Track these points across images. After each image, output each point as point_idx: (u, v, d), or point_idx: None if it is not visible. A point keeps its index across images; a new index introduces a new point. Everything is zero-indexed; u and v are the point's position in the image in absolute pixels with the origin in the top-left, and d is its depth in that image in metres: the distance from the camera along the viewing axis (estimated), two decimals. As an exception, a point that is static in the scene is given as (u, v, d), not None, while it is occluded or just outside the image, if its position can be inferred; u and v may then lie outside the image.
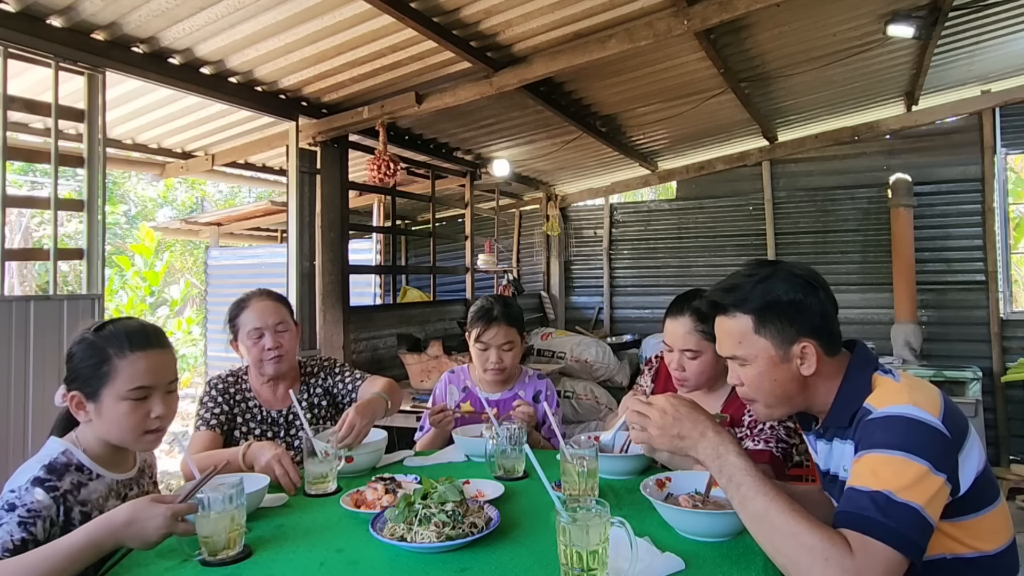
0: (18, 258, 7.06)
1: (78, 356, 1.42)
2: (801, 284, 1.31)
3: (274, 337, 2.09)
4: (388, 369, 4.54)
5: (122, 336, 1.42)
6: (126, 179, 12.91)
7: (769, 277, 1.32)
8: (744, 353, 1.32)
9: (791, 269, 1.34)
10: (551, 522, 1.19)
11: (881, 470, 1.12)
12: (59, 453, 1.38)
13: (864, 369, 1.30)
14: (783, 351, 1.29)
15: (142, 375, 1.40)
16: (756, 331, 1.30)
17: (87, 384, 1.39)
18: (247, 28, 2.85)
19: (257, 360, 2.09)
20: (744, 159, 6.36)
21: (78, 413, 1.40)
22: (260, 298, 2.16)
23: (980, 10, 3.77)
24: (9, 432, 2.47)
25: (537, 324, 6.69)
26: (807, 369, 1.29)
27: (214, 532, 1.27)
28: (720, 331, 1.38)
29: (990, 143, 5.48)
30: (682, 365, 1.90)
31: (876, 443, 1.15)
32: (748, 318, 1.31)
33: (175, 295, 11.10)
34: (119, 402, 1.38)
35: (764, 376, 1.31)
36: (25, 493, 1.28)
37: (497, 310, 2.26)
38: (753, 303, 1.31)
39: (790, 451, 1.82)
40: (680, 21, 2.99)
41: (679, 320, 1.90)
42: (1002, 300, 5.46)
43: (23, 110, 2.85)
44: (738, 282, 1.35)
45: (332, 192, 4.05)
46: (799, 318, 1.28)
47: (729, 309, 1.34)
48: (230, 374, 2.18)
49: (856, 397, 1.27)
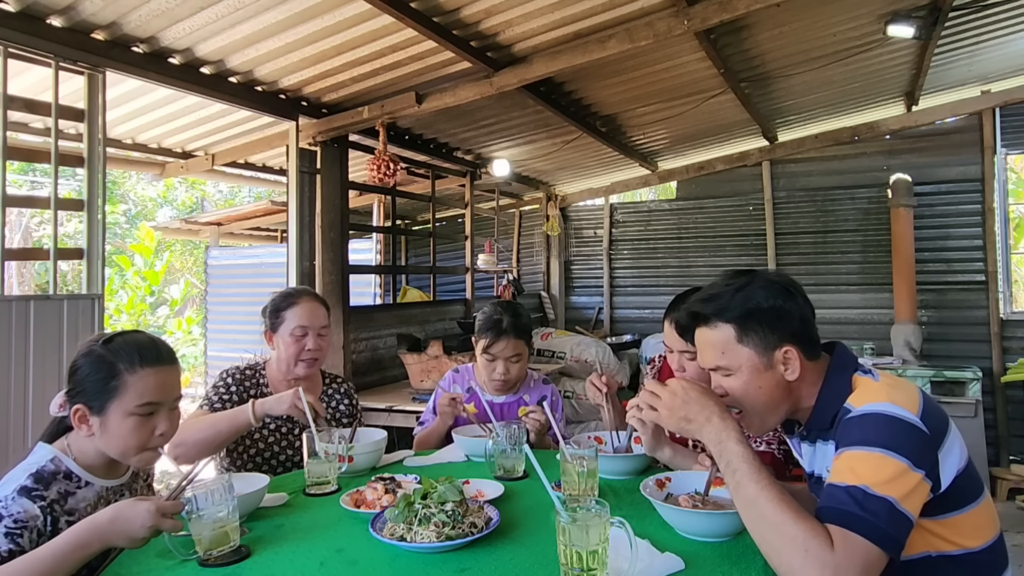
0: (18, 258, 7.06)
1: (85, 369, 1.38)
2: (780, 290, 1.32)
3: (316, 340, 2.12)
4: (388, 369, 4.54)
5: (133, 351, 1.39)
6: (126, 179, 12.92)
7: (747, 285, 1.33)
8: (728, 363, 1.33)
9: (768, 276, 1.36)
10: (551, 522, 1.19)
11: (859, 466, 1.13)
12: (47, 461, 1.35)
13: (843, 371, 1.31)
14: (767, 358, 1.30)
15: (152, 391, 1.38)
16: (739, 340, 1.31)
17: (94, 398, 1.36)
18: (247, 28, 2.85)
19: (293, 357, 2.10)
20: (744, 159, 6.36)
21: (80, 427, 1.37)
22: (310, 298, 2.18)
23: (980, 10, 3.77)
24: (9, 432, 2.47)
25: (537, 324, 6.69)
26: (791, 374, 1.30)
27: (206, 532, 1.27)
28: (701, 342, 1.38)
29: (990, 143, 5.48)
30: (682, 365, 1.90)
31: (855, 440, 1.16)
32: (730, 327, 1.32)
33: (175, 295, 11.11)
34: (126, 418, 1.36)
35: (749, 385, 1.31)
36: (11, 503, 1.25)
37: (507, 322, 2.22)
38: (734, 311, 1.31)
39: (792, 452, 1.81)
40: (680, 21, 2.99)
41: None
42: (1002, 300, 5.46)
43: (23, 110, 2.85)
44: (717, 291, 1.36)
45: (332, 192, 4.05)
46: (780, 324, 1.30)
47: (710, 319, 1.34)
48: (248, 367, 2.18)
49: (837, 398, 1.27)
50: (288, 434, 2.14)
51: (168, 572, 1.26)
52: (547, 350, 5.55)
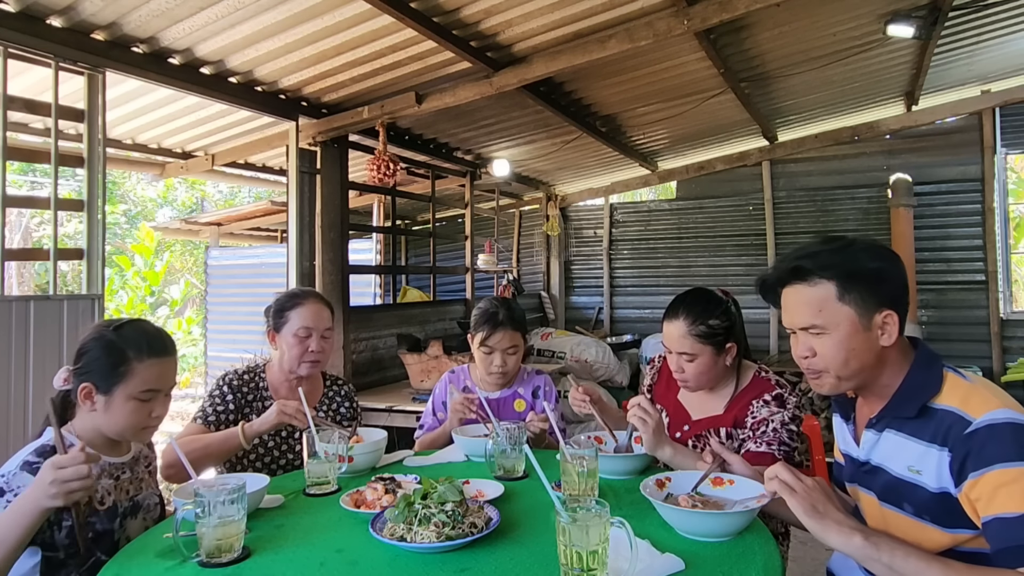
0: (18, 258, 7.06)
1: (95, 351, 1.46)
2: (884, 254, 1.29)
3: (320, 341, 2.11)
4: (388, 369, 4.54)
5: (142, 340, 1.49)
6: (126, 179, 12.92)
7: (850, 246, 1.30)
8: (824, 321, 1.27)
9: (870, 241, 1.33)
10: (551, 522, 1.19)
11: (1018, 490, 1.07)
12: (49, 438, 1.42)
13: (932, 363, 1.27)
14: (866, 320, 1.25)
15: (155, 379, 1.48)
16: (839, 298, 1.26)
17: (102, 380, 1.45)
18: (247, 28, 2.85)
19: (296, 358, 2.09)
20: (744, 159, 6.36)
21: (84, 403, 1.45)
22: (315, 300, 2.16)
23: (980, 10, 3.78)
24: (9, 432, 2.47)
25: (537, 324, 6.69)
26: (887, 340, 1.25)
27: (214, 536, 1.26)
28: (795, 300, 1.32)
29: (990, 143, 5.49)
30: (680, 367, 1.90)
31: (999, 457, 1.10)
32: (831, 285, 1.27)
33: (175, 295, 11.11)
34: (128, 401, 1.45)
35: (843, 345, 1.26)
36: (13, 477, 1.33)
37: (503, 314, 2.26)
38: (838, 269, 1.27)
39: (792, 453, 1.81)
40: (680, 21, 2.99)
41: (674, 323, 1.88)
42: (1002, 300, 5.46)
43: (23, 110, 2.86)
44: (817, 249, 1.31)
45: (332, 192, 4.05)
46: (883, 287, 1.26)
47: (810, 276, 1.29)
48: (247, 371, 2.15)
49: (925, 389, 1.24)
50: (288, 438, 2.13)
51: (168, 572, 1.25)
52: (547, 350, 5.54)
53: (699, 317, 1.84)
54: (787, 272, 1.34)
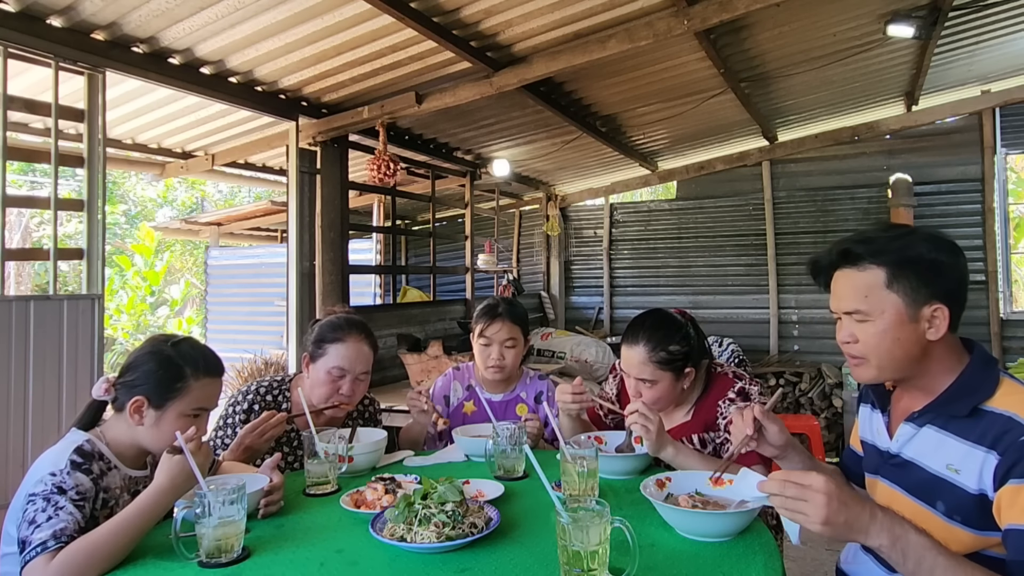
0: (18, 258, 7.06)
1: (150, 365, 1.48)
2: (946, 246, 1.25)
3: (352, 384, 1.99)
4: (388, 369, 4.54)
5: (199, 358, 1.52)
6: (126, 179, 12.92)
7: (910, 234, 1.27)
8: (869, 308, 1.25)
9: (933, 231, 1.29)
10: (551, 522, 1.19)
11: None
12: (84, 441, 1.42)
13: (989, 365, 1.25)
14: (913, 310, 1.23)
15: (206, 398, 1.52)
16: (888, 285, 1.24)
17: (157, 394, 1.46)
18: (247, 28, 2.85)
19: (323, 398, 1.97)
20: (744, 159, 6.36)
21: (133, 416, 1.46)
22: (358, 338, 2.01)
23: (980, 10, 3.77)
24: (9, 431, 2.47)
25: (537, 324, 6.69)
26: (934, 334, 1.22)
27: (214, 537, 1.26)
28: (843, 284, 1.30)
29: (990, 143, 5.48)
30: (638, 391, 1.86)
31: None
32: (881, 271, 1.25)
33: (175, 295, 11.12)
34: (179, 418, 1.47)
35: (886, 334, 1.24)
36: (68, 477, 1.33)
37: (502, 307, 2.28)
38: (890, 255, 1.24)
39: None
40: (680, 21, 2.99)
41: (634, 349, 1.84)
42: (1002, 300, 5.46)
43: (23, 110, 2.85)
44: (873, 235, 1.28)
45: (332, 192, 4.05)
46: (937, 280, 1.22)
47: (861, 260, 1.27)
48: (268, 389, 2.03)
49: (979, 389, 1.21)
50: (290, 441, 2.12)
51: (168, 572, 1.25)
52: (547, 350, 5.54)
53: (659, 344, 1.81)
54: (838, 255, 1.32)
